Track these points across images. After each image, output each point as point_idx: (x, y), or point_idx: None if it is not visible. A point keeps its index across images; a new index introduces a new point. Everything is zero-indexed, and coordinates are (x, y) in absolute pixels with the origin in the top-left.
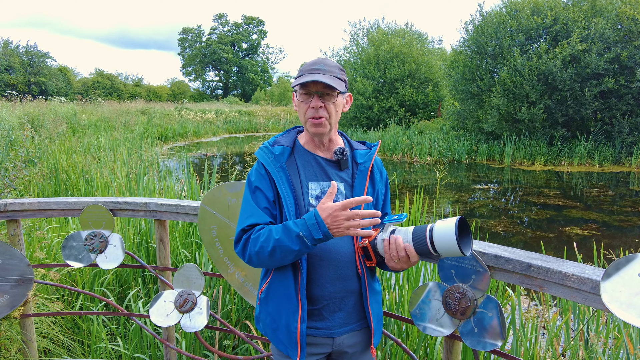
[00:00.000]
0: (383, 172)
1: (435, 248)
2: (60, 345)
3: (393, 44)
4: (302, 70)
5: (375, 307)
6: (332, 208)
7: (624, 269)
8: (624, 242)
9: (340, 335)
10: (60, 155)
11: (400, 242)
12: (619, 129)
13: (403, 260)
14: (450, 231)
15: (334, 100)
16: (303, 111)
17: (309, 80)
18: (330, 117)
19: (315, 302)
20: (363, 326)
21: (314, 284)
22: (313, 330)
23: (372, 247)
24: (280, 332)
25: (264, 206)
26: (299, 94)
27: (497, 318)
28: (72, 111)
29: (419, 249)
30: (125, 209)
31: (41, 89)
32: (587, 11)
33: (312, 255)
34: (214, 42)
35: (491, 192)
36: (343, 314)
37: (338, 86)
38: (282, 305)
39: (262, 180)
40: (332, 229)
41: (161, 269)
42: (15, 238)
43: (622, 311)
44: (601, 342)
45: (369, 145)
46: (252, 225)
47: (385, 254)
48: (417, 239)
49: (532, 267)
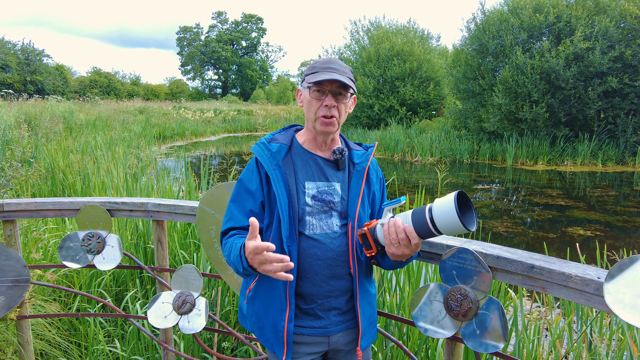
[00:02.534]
0: (379, 173)
1: (437, 227)
2: (57, 347)
3: (394, 42)
4: (315, 67)
5: (367, 309)
6: (248, 249)
7: (627, 270)
8: (628, 242)
9: (336, 334)
10: (57, 154)
11: (400, 224)
12: (622, 128)
13: (404, 244)
14: (450, 206)
15: (345, 101)
16: (314, 109)
17: (327, 79)
18: (340, 117)
19: (310, 301)
20: (357, 324)
21: (308, 283)
22: (309, 330)
23: (372, 235)
24: (267, 331)
25: (249, 208)
26: (311, 90)
27: (499, 320)
28: (70, 110)
29: (419, 230)
30: (122, 209)
31: (38, 87)
32: (591, 9)
33: (307, 253)
34: (212, 40)
35: (493, 192)
36: (337, 312)
37: (353, 86)
38: (270, 304)
39: (253, 179)
40: (255, 267)
41: (159, 270)
42: (12, 239)
43: (625, 313)
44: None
45: (365, 147)
46: (228, 230)
47: (385, 239)
48: (417, 219)
49: (535, 268)
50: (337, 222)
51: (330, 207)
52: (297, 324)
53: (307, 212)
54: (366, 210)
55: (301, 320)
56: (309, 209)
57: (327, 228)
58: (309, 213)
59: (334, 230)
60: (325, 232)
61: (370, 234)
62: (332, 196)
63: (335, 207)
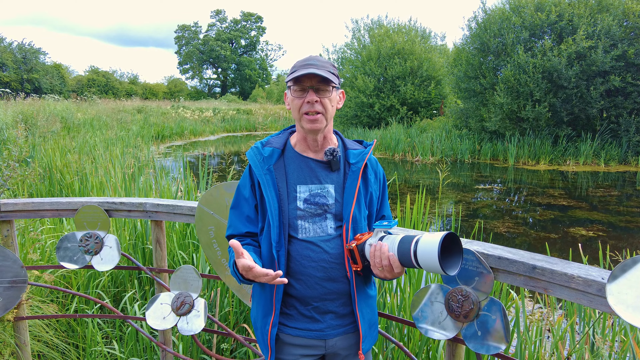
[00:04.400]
0: (379, 172)
1: (419, 262)
2: (55, 348)
3: (395, 41)
4: (294, 67)
5: (367, 312)
6: (238, 267)
7: (630, 270)
8: (631, 243)
9: (333, 338)
10: (54, 154)
11: (385, 250)
12: (625, 127)
13: (386, 270)
14: (434, 247)
15: (328, 95)
16: (297, 107)
17: (304, 74)
18: (326, 112)
19: (306, 304)
20: (357, 329)
21: (303, 285)
22: (305, 332)
23: (360, 251)
24: (258, 333)
25: (247, 214)
26: (292, 90)
27: (501, 321)
28: (67, 109)
29: (402, 260)
30: (121, 209)
31: (34, 86)
32: (593, 7)
33: (301, 256)
34: (211, 39)
35: (495, 192)
36: (335, 315)
37: (333, 79)
38: (260, 307)
39: (247, 185)
40: (250, 280)
41: (158, 271)
42: (9, 239)
43: (628, 314)
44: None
45: (365, 145)
46: (229, 237)
47: (371, 260)
48: (402, 249)
49: (537, 268)
50: (331, 224)
51: (324, 209)
52: (294, 325)
53: (299, 217)
54: (362, 212)
55: (298, 322)
56: (301, 213)
57: (321, 231)
58: (302, 217)
59: (328, 233)
60: (319, 235)
61: (358, 250)
62: (325, 199)
63: (329, 210)
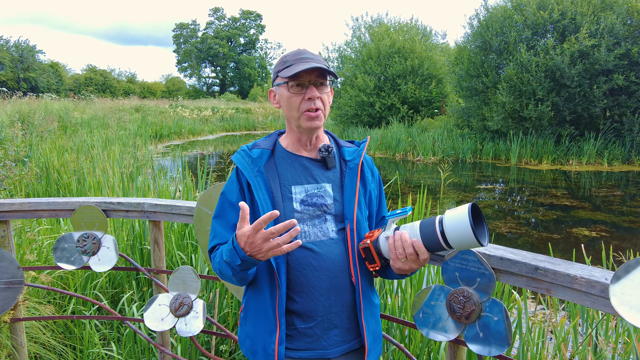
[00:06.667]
0: (375, 172)
1: (448, 241)
2: (52, 350)
3: (395, 39)
4: (287, 61)
5: (372, 323)
6: (245, 235)
7: (634, 271)
8: (634, 243)
9: (336, 356)
10: (51, 154)
11: (407, 238)
12: (629, 127)
13: (411, 259)
14: (464, 220)
15: (327, 90)
16: (296, 105)
17: (305, 69)
18: (325, 109)
19: (309, 319)
20: (361, 344)
21: (305, 298)
22: (306, 353)
23: (375, 248)
24: (259, 356)
25: (233, 222)
26: (289, 86)
27: (503, 322)
28: (65, 108)
29: (428, 244)
30: (118, 209)
31: (31, 85)
32: (596, 5)
33: (302, 264)
34: (210, 37)
35: (497, 192)
36: (339, 330)
37: (333, 72)
38: (259, 324)
39: (234, 189)
40: (255, 255)
41: (156, 272)
42: (5, 239)
43: (632, 315)
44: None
45: (357, 144)
46: (214, 247)
47: (390, 253)
48: (426, 232)
49: (539, 269)
50: (332, 226)
51: (323, 210)
52: (293, 346)
53: (297, 220)
54: (364, 212)
55: (297, 342)
56: (298, 216)
57: (322, 235)
58: (299, 220)
59: (330, 237)
60: (321, 239)
61: (373, 247)
62: (323, 199)
63: (329, 210)
